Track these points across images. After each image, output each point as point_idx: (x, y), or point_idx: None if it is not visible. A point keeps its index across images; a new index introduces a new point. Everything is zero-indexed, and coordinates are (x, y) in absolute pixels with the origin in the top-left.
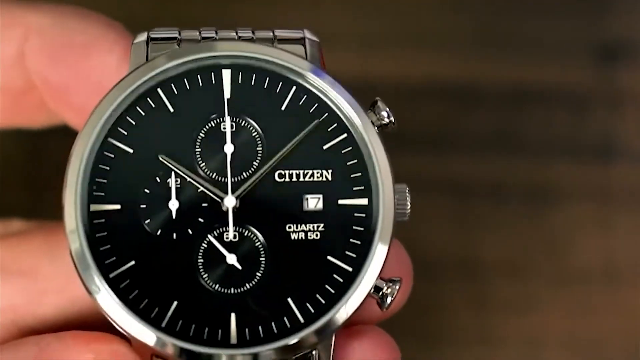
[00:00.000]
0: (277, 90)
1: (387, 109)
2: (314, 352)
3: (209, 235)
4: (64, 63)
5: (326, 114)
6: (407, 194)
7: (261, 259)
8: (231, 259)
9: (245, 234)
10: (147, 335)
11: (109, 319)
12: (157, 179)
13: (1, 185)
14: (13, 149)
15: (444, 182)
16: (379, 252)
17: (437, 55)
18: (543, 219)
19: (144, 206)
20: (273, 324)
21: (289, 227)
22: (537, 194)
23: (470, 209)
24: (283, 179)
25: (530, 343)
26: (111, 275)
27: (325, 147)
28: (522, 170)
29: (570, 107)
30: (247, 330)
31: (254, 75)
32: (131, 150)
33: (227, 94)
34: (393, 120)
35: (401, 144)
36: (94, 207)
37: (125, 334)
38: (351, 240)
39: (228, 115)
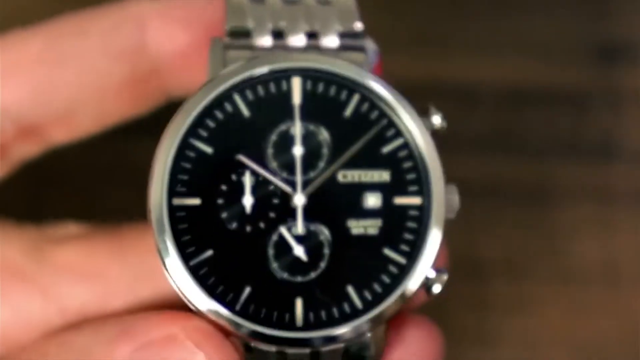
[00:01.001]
0: (342, 98)
1: (439, 114)
2: (369, 336)
3: (279, 229)
4: (189, 26)
5: (385, 120)
6: (457, 194)
7: (325, 250)
8: (299, 250)
9: (312, 228)
10: (222, 317)
11: (188, 303)
12: (233, 177)
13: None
14: None
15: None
16: (431, 247)
17: (436, 55)
18: (543, 219)
19: (221, 201)
20: (334, 309)
21: (350, 222)
22: (537, 194)
23: (469, 208)
24: (346, 179)
25: (529, 343)
26: (191, 263)
27: (384, 150)
28: (522, 170)
29: (570, 107)
30: (311, 314)
31: (321, 83)
32: (210, 150)
33: (296, 100)
34: (445, 125)
35: None
36: (176, 201)
37: (202, 316)
38: (405, 235)
39: (297, 120)
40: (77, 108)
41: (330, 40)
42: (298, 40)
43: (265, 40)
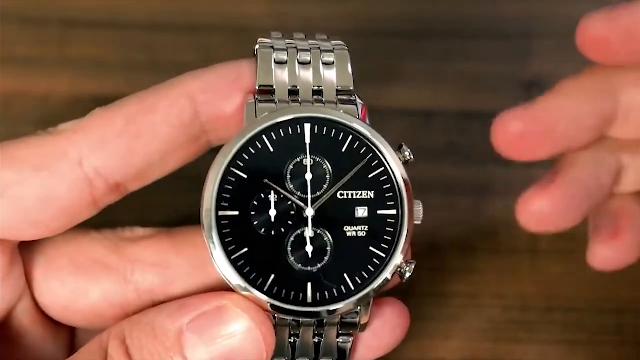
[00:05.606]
0: (339, 138)
1: (409, 150)
2: (358, 310)
3: (295, 232)
4: (228, 98)
5: (370, 154)
6: (421, 207)
7: (327, 248)
8: (309, 248)
9: (318, 232)
10: (254, 295)
11: (230, 285)
12: (262, 195)
13: None
14: None
15: (413, 184)
16: (403, 245)
17: (401, 86)
18: (482, 208)
19: (253, 213)
20: (334, 290)
21: (346, 228)
22: (476, 190)
23: (431, 204)
24: (343, 196)
25: (472, 296)
26: (232, 257)
27: (369, 176)
28: (468, 173)
29: None
30: (317, 294)
31: (325, 127)
32: (245, 176)
33: (307, 139)
34: (412, 158)
35: None
36: (221, 212)
37: (240, 294)
38: (385, 236)
39: (308, 154)
40: (148, 166)
41: (330, 93)
42: (308, 94)
43: (284, 96)
